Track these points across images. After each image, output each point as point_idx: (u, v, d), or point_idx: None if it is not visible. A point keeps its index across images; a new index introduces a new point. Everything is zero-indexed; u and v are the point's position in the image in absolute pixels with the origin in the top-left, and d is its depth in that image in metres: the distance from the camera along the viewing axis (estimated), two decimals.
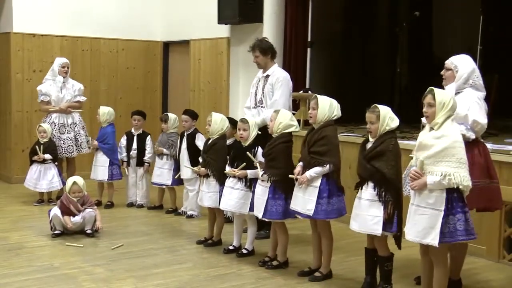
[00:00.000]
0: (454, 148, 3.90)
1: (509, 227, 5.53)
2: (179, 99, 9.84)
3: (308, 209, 4.75)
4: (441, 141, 3.92)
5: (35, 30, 8.90)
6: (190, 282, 4.86)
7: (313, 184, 4.76)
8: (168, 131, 7.23)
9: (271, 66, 6.11)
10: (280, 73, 6.08)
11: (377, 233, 4.40)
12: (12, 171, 8.86)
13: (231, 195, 5.42)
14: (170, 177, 7.18)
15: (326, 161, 4.72)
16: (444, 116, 3.98)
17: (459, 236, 3.94)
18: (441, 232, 3.90)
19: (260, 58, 6.08)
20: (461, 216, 3.93)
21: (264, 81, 6.10)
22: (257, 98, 6.15)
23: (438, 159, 3.92)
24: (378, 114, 4.41)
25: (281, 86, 5.97)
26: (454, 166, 3.88)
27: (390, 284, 4.59)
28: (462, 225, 3.93)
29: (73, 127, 7.75)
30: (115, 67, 9.68)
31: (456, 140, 3.93)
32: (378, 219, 4.38)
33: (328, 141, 4.77)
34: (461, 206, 3.94)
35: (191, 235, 6.28)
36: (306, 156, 4.81)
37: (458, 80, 4.63)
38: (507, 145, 5.98)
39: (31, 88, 8.77)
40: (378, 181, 4.38)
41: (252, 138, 5.40)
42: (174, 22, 9.77)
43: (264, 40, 6.19)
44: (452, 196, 3.91)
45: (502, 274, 5.28)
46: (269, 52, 6.07)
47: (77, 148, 7.75)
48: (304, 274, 5.03)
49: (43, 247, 5.74)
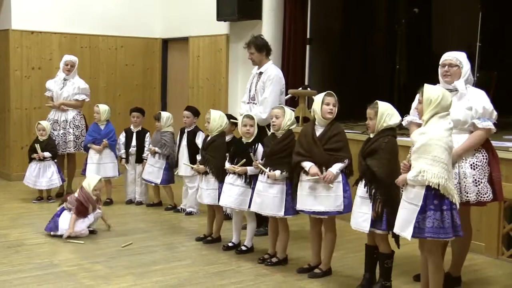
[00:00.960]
0: (430, 145, 3.92)
1: (508, 223, 5.54)
2: (178, 96, 9.83)
3: (337, 205, 4.75)
4: (422, 138, 3.97)
5: (33, 27, 8.88)
6: (189, 279, 4.87)
7: (336, 180, 4.77)
8: (161, 129, 7.22)
9: (266, 63, 6.12)
10: (272, 71, 6.08)
11: (365, 230, 4.44)
12: (11, 168, 8.85)
13: (231, 191, 5.42)
14: (160, 175, 7.17)
15: (344, 156, 4.77)
16: (430, 113, 4.00)
17: (427, 232, 3.94)
18: (415, 227, 3.96)
19: (255, 55, 6.09)
20: (432, 213, 3.92)
21: (257, 78, 6.13)
22: (251, 94, 6.18)
23: (418, 155, 3.97)
24: (377, 111, 4.42)
25: (271, 84, 5.98)
26: (429, 164, 3.90)
27: (389, 281, 4.60)
28: (431, 222, 3.92)
29: (64, 125, 7.73)
30: (114, 64, 9.68)
31: (432, 137, 3.93)
32: (367, 216, 4.42)
33: (342, 137, 4.82)
34: (436, 203, 3.93)
35: (190, 232, 6.28)
36: (321, 154, 4.77)
37: (464, 76, 4.62)
38: (506, 142, 5.99)
39: (30, 85, 8.77)
40: (368, 179, 4.42)
41: (254, 135, 5.41)
42: (173, 19, 9.76)
43: (260, 37, 6.20)
44: (429, 193, 3.94)
45: (501, 270, 5.29)
46: (264, 49, 6.09)
47: (65, 146, 7.71)
48: (304, 271, 5.04)
49: (42, 245, 5.74)
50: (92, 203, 6.00)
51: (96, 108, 7.55)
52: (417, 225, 3.95)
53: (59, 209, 6.05)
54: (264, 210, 5.17)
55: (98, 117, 7.50)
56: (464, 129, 4.50)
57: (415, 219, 3.95)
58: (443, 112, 4.00)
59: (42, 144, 7.39)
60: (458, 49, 4.84)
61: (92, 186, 6.01)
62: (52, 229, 5.94)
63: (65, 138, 7.71)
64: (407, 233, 4.01)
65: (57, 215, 5.99)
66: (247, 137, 5.43)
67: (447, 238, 4.01)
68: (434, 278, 4.10)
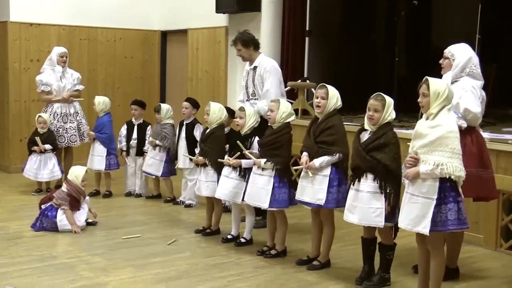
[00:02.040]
0: (447, 138, 3.89)
1: (506, 216, 5.55)
2: (177, 88, 9.82)
3: (319, 199, 4.75)
4: (436, 131, 3.91)
5: (32, 19, 8.86)
6: (188, 271, 4.88)
7: (322, 173, 4.75)
8: (161, 121, 7.22)
9: (257, 57, 6.09)
10: (267, 62, 6.05)
11: (380, 225, 4.39)
12: (10, 160, 8.85)
13: (226, 183, 5.44)
14: (161, 168, 7.17)
15: (335, 150, 4.73)
16: (439, 106, 3.97)
17: (450, 225, 3.93)
18: (432, 221, 3.90)
19: (243, 51, 6.06)
20: (453, 205, 3.92)
21: (252, 73, 6.09)
22: (249, 91, 6.14)
23: (431, 148, 3.91)
24: (384, 103, 4.38)
25: (270, 75, 5.96)
26: (447, 156, 3.87)
27: (388, 272, 4.61)
28: (454, 214, 3.92)
29: (75, 116, 7.76)
30: (113, 57, 9.66)
31: (450, 130, 3.91)
32: (380, 211, 4.36)
33: (336, 130, 4.78)
34: (453, 195, 3.93)
35: (189, 224, 6.29)
36: (312, 146, 4.79)
37: (454, 68, 4.64)
38: (504, 134, 5.99)
39: (29, 77, 8.75)
40: (379, 173, 4.35)
41: (248, 127, 5.40)
42: (172, 11, 9.73)
43: (245, 33, 6.15)
44: (445, 186, 3.91)
45: (500, 262, 5.31)
46: (251, 44, 6.04)
47: (80, 137, 7.76)
48: (303, 263, 5.05)
49: (41, 237, 5.75)
50: (83, 194, 6.00)
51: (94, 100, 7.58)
52: (438, 218, 3.90)
53: (49, 206, 5.93)
54: (251, 200, 5.21)
55: (95, 109, 7.52)
56: None
57: (432, 213, 3.89)
58: (450, 105, 4.00)
59: (42, 136, 7.38)
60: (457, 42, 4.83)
61: (80, 178, 5.95)
62: (49, 229, 5.86)
63: (79, 129, 7.74)
64: (421, 227, 3.93)
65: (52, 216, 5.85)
66: (238, 128, 5.45)
67: (466, 229, 4.02)
68: (437, 271, 4.09)
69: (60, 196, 5.89)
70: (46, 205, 5.99)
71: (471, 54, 4.68)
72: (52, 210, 5.91)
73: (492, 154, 5.32)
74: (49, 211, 5.92)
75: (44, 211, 5.94)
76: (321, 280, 4.73)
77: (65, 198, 5.87)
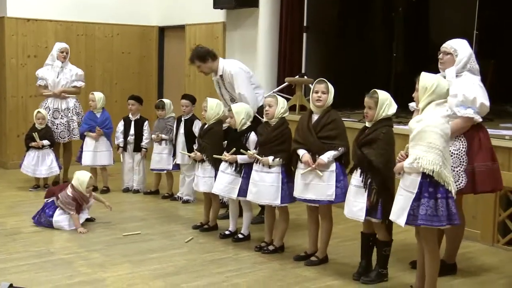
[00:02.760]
0: (425, 132, 3.92)
1: (503, 211, 5.56)
2: (175, 84, 9.81)
3: (329, 195, 4.74)
4: (418, 125, 3.97)
5: (29, 15, 8.84)
6: (186, 267, 4.88)
7: (328, 169, 4.76)
8: (165, 116, 7.22)
9: (217, 65, 6.04)
10: (228, 67, 5.99)
11: (360, 219, 4.45)
12: (7, 156, 8.84)
13: (221, 179, 5.44)
14: (170, 161, 7.17)
15: (338, 144, 4.74)
16: (425, 100, 4.00)
17: (419, 220, 3.94)
18: (408, 214, 3.96)
19: (202, 67, 6.04)
20: (426, 201, 3.92)
21: (221, 81, 6.10)
22: (226, 98, 6.14)
23: (415, 143, 3.97)
24: (377, 100, 4.41)
25: (236, 79, 5.93)
26: (423, 150, 3.90)
27: (385, 268, 4.62)
28: (425, 209, 3.92)
29: (66, 112, 7.73)
30: (110, 52, 9.64)
31: (429, 124, 3.92)
32: (362, 205, 4.42)
33: (337, 125, 4.80)
34: (430, 191, 3.92)
35: (187, 220, 6.29)
36: (315, 142, 4.77)
37: (457, 64, 4.63)
38: (502, 130, 6.00)
39: (26, 73, 8.74)
40: (364, 168, 4.42)
41: (241, 124, 5.40)
42: (169, 6, 9.71)
43: (199, 48, 6.11)
44: (424, 181, 3.93)
45: (497, 257, 5.32)
46: (207, 57, 6.00)
47: (69, 133, 7.73)
48: (300, 258, 5.06)
49: (39, 233, 5.75)
50: (86, 200, 5.92)
51: (91, 95, 7.55)
52: (412, 212, 3.96)
53: (49, 203, 5.92)
54: (260, 199, 5.17)
55: (94, 105, 7.50)
56: (451, 117, 4.48)
57: (410, 207, 3.96)
58: (440, 100, 4.00)
59: (40, 132, 7.37)
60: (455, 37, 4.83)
61: (85, 185, 5.84)
62: (45, 225, 5.86)
63: (69, 126, 7.71)
64: (401, 220, 4.02)
65: (49, 214, 5.83)
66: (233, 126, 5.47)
67: (440, 226, 4.01)
68: (430, 265, 4.12)
69: (66, 201, 5.80)
70: (49, 200, 5.96)
71: (471, 50, 4.71)
72: (51, 208, 5.88)
73: None
74: (47, 208, 5.90)
75: (44, 207, 5.93)
76: (319, 276, 4.74)
77: (70, 203, 5.80)
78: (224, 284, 4.54)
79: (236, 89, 5.94)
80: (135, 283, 4.52)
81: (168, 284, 4.51)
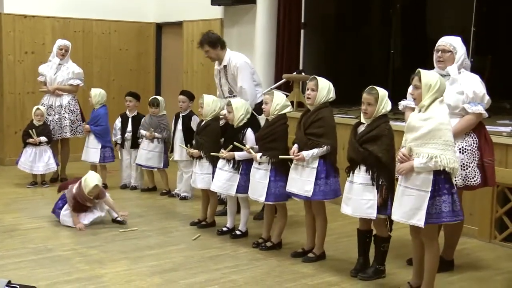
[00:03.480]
0: (440, 130, 3.89)
1: (501, 207, 5.57)
2: (172, 81, 9.81)
3: (306, 190, 4.76)
4: (428, 123, 3.91)
5: (26, 11, 8.82)
6: (184, 264, 4.89)
7: (310, 165, 4.77)
8: (158, 114, 7.21)
9: (224, 55, 6.07)
10: (235, 59, 6.02)
11: (372, 216, 4.41)
12: (4, 153, 8.83)
13: (219, 176, 5.45)
14: (161, 160, 7.18)
15: (324, 142, 4.74)
16: (430, 98, 3.96)
17: (445, 217, 3.95)
18: (427, 213, 3.91)
19: (210, 52, 6.06)
20: (447, 197, 3.93)
21: (224, 71, 6.10)
22: (225, 89, 6.16)
23: (424, 141, 3.91)
24: (377, 96, 4.39)
25: (240, 72, 5.94)
26: (440, 148, 3.87)
27: (383, 264, 4.63)
28: (448, 206, 3.93)
29: (59, 110, 7.71)
30: (108, 49, 9.63)
31: (442, 122, 3.91)
32: (372, 202, 4.38)
33: (325, 123, 4.78)
34: (447, 187, 3.94)
35: (184, 216, 6.29)
36: (302, 137, 4.80)
37: (457, 61, 4.64)
38: (499, 127, 6.00)
39: (23, 69, 8.73)
40: (371, 165, 4.37)
41: (239, 120, 5.40)
42: (167, 3, 9.70)
43: (210, 33, 6.15)
44: (439, 178, 3.91)
45: (494, 254, 5.33)
46: (218, 44, 6.03)
47: (61, 131, 7.70)
48: (298, 255, 5.06)
49: (37, 229, 5.75)
50: (89, 201, 5.81)
51: (90, 92, 7.55)
52: (431, 210, 3.91)
53: (63, 196, 5.91)
54: (251, 194, 5.24)
55: (91, 101, 7.50)
56: (455, 114, 4.50)
57: (426, 205, 3.90)
58: (441, 97, 4.00)
59: (38, 129, 7.36)
60: (453, 34, 4.84)
61: (87, 190, 5.72)
62: (57, 217, 5.89)
63: (60, 123, 7.69)
64: (416, 220, 3.93)
65: (58, 207, 5.87)
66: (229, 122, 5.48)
67: (459, 220, 4.04)
68: (432, 262, 4.11)
69: (68, 196, 5.80)
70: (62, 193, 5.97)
71: (464, 47, 4.71)
72: (63, 200, 5.89)
73: None
74: (60, 200, 5.93)
75: (60, 198, 5.95)
76: (316, 272, 4.75)
77: (70, 200, 5.78)
78: (222, 281, 4.54)
79: (238, 82, 5.95)
80: (133, 280, 4.52)
81: (166, 281, 4.51)
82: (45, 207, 6.31)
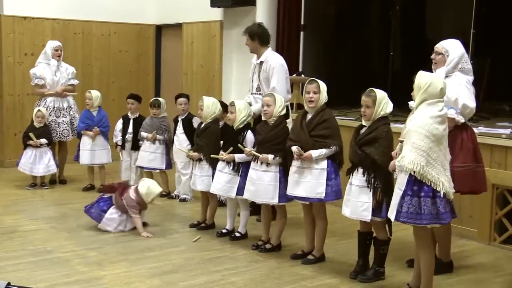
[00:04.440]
0: (411, 132, 3.95)
1: (500, 210, 5.57)
2: (172, 83, 9.81)
3: (318, 193, 4.75)
4: (409, 124, 4.01)
5: (26, 13, 8.82)
6: (183, 266, 4.88)
7: (319, 166, 4.76)
8: (159, 115, 7.21)
9: (264, 51, 6.02)
10: (273, 59, 5.97)
11: (367, 219, 4.44)
12: (4, 155, 8.82)
13: (219, 178, 5.44)
14: (164, 161, 7.17)
15: (331, 143, 4.75)
16: (418, 99, 4.01)
17: (401, 217, 3.99)
18: (397, 211, 4.00)
19: (249, 43, 6.04)
20: (409, 199, 3.95)
21: (258, 68, 6.05)
22: (254, 85, 6.10)
23: (405, 141, 4.01)
24: (375, 99, 4.41)
25: (276, 73, 5.88)
26: (408, 150, 3.94)
27: (383, 267, 4.63)
28: (408, 207, 3.95)
29: (68, 110, 7.73)
30: (107, 51, 9.63)
31: (414, 124, 3.95)
32: (367, 205, 4.42)
33: (330, 124, 4.80)
34: (415, 189, 3.95)
35: (184, 218, 6.29)
36: (307, 140, 4.77)
37: (448, 64, 4.69)
38: (498, 129, 6.01)
39: (23, 71, 8.72)
40: (367, 167, 4.41)
41: (240, 121, 5.39)
42: (166, 5, 9.70)
43: (256, 25, 6.11)
44: (411, 179, 3.96)
45: (493, 256, 5.33)
46: (256, 38, 5.98)
47: (72, 131, 7.73)
48: (297, 257, 5.06)
49: (36, 231, 5.74)
50: (144, 207, 5.77)
51: (88, 94, 7.51)
52: (400, 209, 4.00)
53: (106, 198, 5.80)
54: (258, 198, 5.18)
55: (91, 103, 7.46)
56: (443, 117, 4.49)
57: (398, 203, 4.01)
58: (433, 99, 3.98)
59: (38, 131, 7.36)
60: (452, 36, 4.86)
61: (152, 197, 5.67)
62: (92, 217, 5.77)
63: (72, 124, 7.71)
64: (392, 216, 4.08)
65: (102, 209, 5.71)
66: (230, 123, 5.47)
67: (422, 225, 4.00)
68: (424, 263, 4.14)
69: (131, 205, 5.64)
70: (104, 195, 5.84)
71: (463, 50, 4.75)
72: (106, 203, 5.76)
73: (486, 149, 5.36)
74: (103, 201, 5.79)
75: (99, 200, 5.82)
76: (316, 274, 4.75)
77: (136, 206, 5.64)
78: (221, 283, 4.54)
79: (271, 83, 5.88)
80: (132, 282, 4.52)
81: (165, 283, 4.51)
82: (45, 209, 6.32)
